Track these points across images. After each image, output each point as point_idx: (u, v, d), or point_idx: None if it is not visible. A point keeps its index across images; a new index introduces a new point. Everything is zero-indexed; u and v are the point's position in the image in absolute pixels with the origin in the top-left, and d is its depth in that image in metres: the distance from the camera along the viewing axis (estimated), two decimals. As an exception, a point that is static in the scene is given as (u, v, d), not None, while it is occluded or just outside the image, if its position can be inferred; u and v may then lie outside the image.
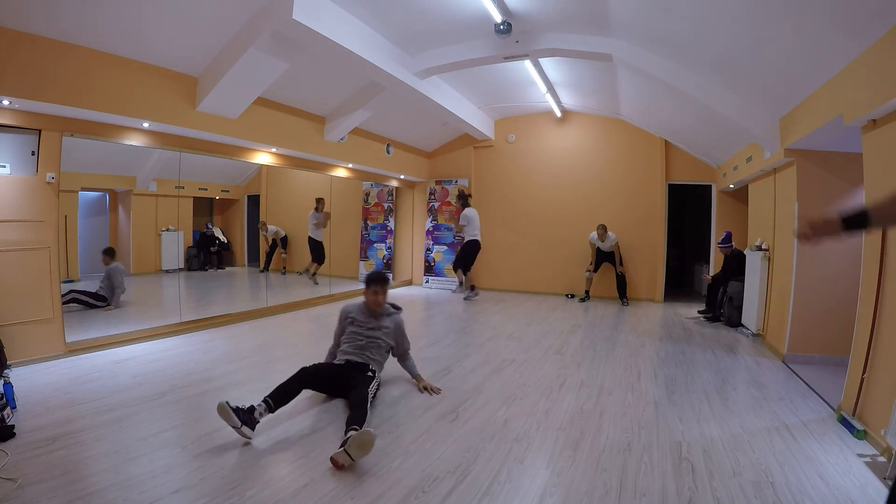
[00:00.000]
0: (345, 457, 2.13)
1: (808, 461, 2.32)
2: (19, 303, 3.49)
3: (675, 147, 7.27)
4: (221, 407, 2.35)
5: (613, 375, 3.65)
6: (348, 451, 2.13)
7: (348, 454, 2.13)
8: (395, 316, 3.27)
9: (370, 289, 3.15)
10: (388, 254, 8.75)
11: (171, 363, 3.70)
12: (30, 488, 1.92)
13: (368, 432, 2.17)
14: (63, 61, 3.48)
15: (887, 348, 2.49)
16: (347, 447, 2.14)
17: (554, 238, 7.94)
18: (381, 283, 3.18)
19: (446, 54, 4.96)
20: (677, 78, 4.30)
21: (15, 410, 2.63)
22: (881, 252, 2.59)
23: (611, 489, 2.04)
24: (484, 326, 5.42)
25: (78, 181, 4.95)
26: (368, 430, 2.18)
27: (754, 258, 4.99)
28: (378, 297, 3.16)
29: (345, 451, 2.14)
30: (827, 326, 3.93)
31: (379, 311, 3.19)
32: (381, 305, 3.20)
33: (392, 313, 3.26)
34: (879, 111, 2.58)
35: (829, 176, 3.96)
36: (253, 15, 3.82)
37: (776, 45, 3.25)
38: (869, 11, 2.41)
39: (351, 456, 2.13)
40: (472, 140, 8.30)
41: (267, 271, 7.81)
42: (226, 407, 2.34)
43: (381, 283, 3.18)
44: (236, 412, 2.35)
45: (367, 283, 3.18)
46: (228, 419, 2.34)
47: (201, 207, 7.21)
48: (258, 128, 5.17)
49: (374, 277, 3.20)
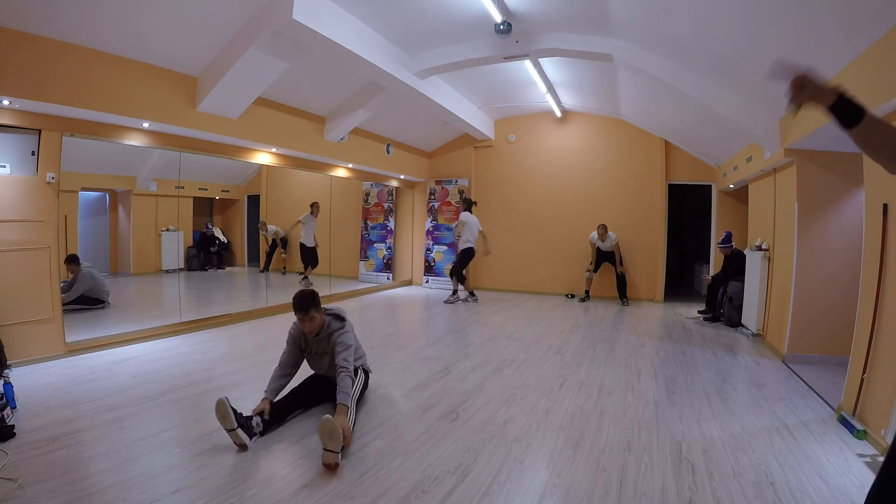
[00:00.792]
0: (328, 455, 2.12)
1: (808, 461, 2.32)
2: (19, 303, 3.49)
3: (675, 147, 7.27)
4: (221, 404, 2.24)
5: (613, 375, 3.65)
6: (325, 447, 2.12)
7: (328, 451, 2.12)
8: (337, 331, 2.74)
9: (297, 316, 2.69)
10: (388, 254, 8.75)
11: (171, 363, 3.70)
12: (30, 488, 1.92)
13: (325, 419, 2.13)
14: (63, 61, 3.48)
15: (887, 348, 2.49)
16: (323, 444, 2.13)
17: (554, 238, 7.94)
18: (299, 309, 2.66)
19: (446, 54, 4.96)
20: (677, 78, 4.30)
21: (15, 410, 2.63)
22: (881, 252, 2.59)
23: (611, 489, 2.04)
24: (484, 326, 5.42)
25: (78, 181, 4.95)
26: (325, 417, 2.15)
27: (754, 258, 4.99)
28: (306, 326, 2.69)
29: (323, 449, 2.13)
30: (827, 326, 3.93)
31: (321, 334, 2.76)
32: (314, 332, 2.73)
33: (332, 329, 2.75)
34: (879, 111, 2.58)
35: (829, 176, 3.96)
36: (253, 15, 3.82)
37: (776, 44, 3.25)
38: (869, 11, 2.42)
39: (331, 450, 2.12)
40: (472, 140, 8.30)
41: (267, 271, 7.81)
42: (226, 404, 2.24)
43: (300, 310, 2.65)
44: (236, 414, 2.29)
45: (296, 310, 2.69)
46: (225, 418, 2.25)
47: (201, 207, 7.22)
48: (258, 128, 5.17)
49: (293, 303, 2.67)
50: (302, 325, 2.71)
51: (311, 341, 2.80)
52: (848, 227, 3.88)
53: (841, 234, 3.92)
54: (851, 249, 3.74)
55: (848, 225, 3.89)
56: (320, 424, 2.14)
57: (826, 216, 3.98)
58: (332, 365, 2.70)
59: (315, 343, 2.79)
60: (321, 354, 2.79)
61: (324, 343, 2.77)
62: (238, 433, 2.28)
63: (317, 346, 2.79)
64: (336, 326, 2.77)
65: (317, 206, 7.34)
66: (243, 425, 2.31)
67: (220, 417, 2.27)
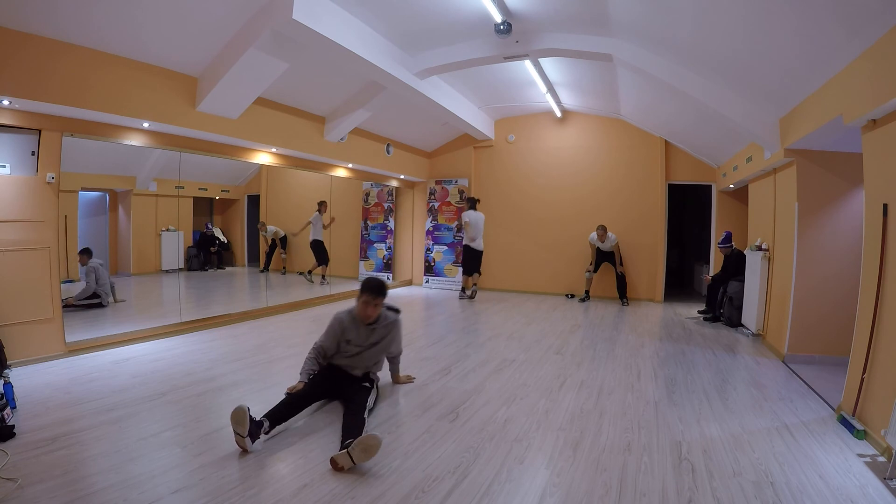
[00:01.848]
0: (346, 459, 2.11)
1: (808, 461, 2.32)
2: (19, 303, 3.49)
3: (675, 147, 7.28)
4: (241, 411, 2.23)
5: (613, 375, 3.65)
6: (351, 453, 2.11)
7: (350, 457, 2.11)
8: (393, 321, 2.95)
9: (362, 297, 2.76)
10: (388, 254, 8.75)
11: (171, 363, 3.70)
12: (30, 488, 1.91)
13: (375, 437, 2.13)
14: (63, 61, 3.48)
15: (887, 348, 2.49)
16: (351, 449, 2.11)
17: (554, 238, 7.94)
18: (375, 293, 2.74)
19: (446, 54, 4.96)
20: (677, 78, 4.30)
21: (15, 410, 2.63)
22: (881, 252, 2.59)
23: (611, 489, 2.04)
24: (484, 326, 5.42)
25: (78, 181, 4.95)
26: (375, 435, 2.15)
27: (754, 258, 4.99)
28: (368, 310, 2.77)
29: (347, 453, 2.11)
30: (827, 326, 3.93)
31: (372, 323, 2.85)
32: (372, 318, 2.82)
33: (389, 320, 2.94)
34: (879, 111, 2.58)
35: (829, 176, 3.96)
36: (253, 15, 3.82)
37: (776, 44, 3.25)
38: (869, 11, 2.42)
39: (353, 459, 2.11)
40: (472, 140, 8.30)
41: (267, 271, 7.81)
42: (245, 412, 2.23)
43: (376, 294, 2.74)
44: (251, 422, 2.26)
45: (361, 290, 2.79)
46: (239, 424, 2.23)
47: (201, 207, 7.22)
48: (258, 128, 5.17)
49: (368, 285, 2.76)
50: (365, 309, 2.76)
51: (361, 331, 2.84)
52: (848, 227, 3.88)
53: (841, 234, 3.92)
54: (851, 249, 3.75)
55: (848, 225, 3.89)
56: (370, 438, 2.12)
57: (826, 216, 3.97)
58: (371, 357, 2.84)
59: (365, 332, 2.84)
60: (372, 344, 2.85)
61: (376, 333, 2.86)
62: (246, 441, 2.26)
63: (366, 336, 2.84)
64: (392, 318, 2.94)
65: (325, 206, 7.36)
66: (252, 434, 2.28)
67: (234, 421, 2.25)
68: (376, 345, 2.89)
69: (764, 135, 4.24)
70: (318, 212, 7.31)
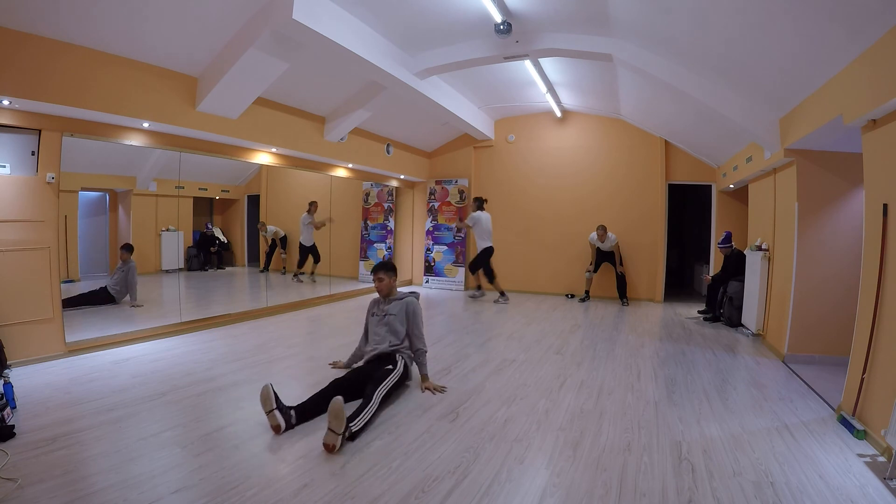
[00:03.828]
0: (330, 436, 2.26)
1: (808, 461, 2.32)
2: (19, 303, 3.49)
3: (675, 147, 7.27)
4: (265, 389, 2.51)
5: (613, 375, 3.65)
6: (330, 427, 2.26)
7: (331, 430, 2.27)
8: (408, 298, 3.34)
9: (375, 276, 3.32)
10: (388, 254, 8.74)
11: (171, 363, 3.70)
12: (30, 488, 1.92)
13: (334, 400, 2.31)
14: (63, 61, 3.48)
15: (887, 348, 2.49)
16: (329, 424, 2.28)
17: (554, 238, 7.94)
18: (383, 269, 3.32)
19: (446, 54, 4.96)
20: (677, 78, 4.30)
21: (15, 410, 2.63)
22: (881, 252, 2.59)
23: (611, 489, 2.04)
24: (484, 326, 5.42)
25: (78, 181, 4.95)
26: (334, 398, 2.32)
27: (754, 258, 4.99)
28: (382, 284, 3.30)
29: (328, 430, 2.28)
30: (827, 326, 3.93)
31: (390, 297, 3.35)
32: (388, 291, 3.33)
33: (404, 297, 3.35)
34: (879, 111, 2.58)
35: (829, 176, 3.96)
36: (253, 15, 3.82)
37: (776, 45, 3.25)
38: (869, 11, 2.42)
39: (334, 430, 2.25)
40: (472, 140, 8.30)
41: (267, 271, 7.81)
42: (269, 389, 2.51)
43: (384, 270, 3.32)
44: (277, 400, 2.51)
45: (372, 272, 3.36)
46: (266, 402, 2.48)
47: (201, 207, 7.20)
48: (258, 128, 5.17)
49: (377, 265, 3.40)
50: (379, 283, 3.30)
51: (381, 305, 3.34)
52: (848, 227, 3.88)
53: (841, 234, 3.92)
54: (851, 249, 3.75)
55: (848, 225, 3.89)
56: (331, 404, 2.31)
57: (826, 216, 3.97)
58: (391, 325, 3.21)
59: (384, 306, 3.33)
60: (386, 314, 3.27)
61: (392, 306, 3.29)
62: (276, 414, 2.47)
63: (384, 309, 3.31)
64: (408, 295, 3.36)
65: (315, 206, 7.34)
66: (281, 409, 2.51)
67: (262, 401, 2.52)
68: (393, 315, 3.28)
69: (764, 135, 4.24)
70: (308, 212, 7.29)
